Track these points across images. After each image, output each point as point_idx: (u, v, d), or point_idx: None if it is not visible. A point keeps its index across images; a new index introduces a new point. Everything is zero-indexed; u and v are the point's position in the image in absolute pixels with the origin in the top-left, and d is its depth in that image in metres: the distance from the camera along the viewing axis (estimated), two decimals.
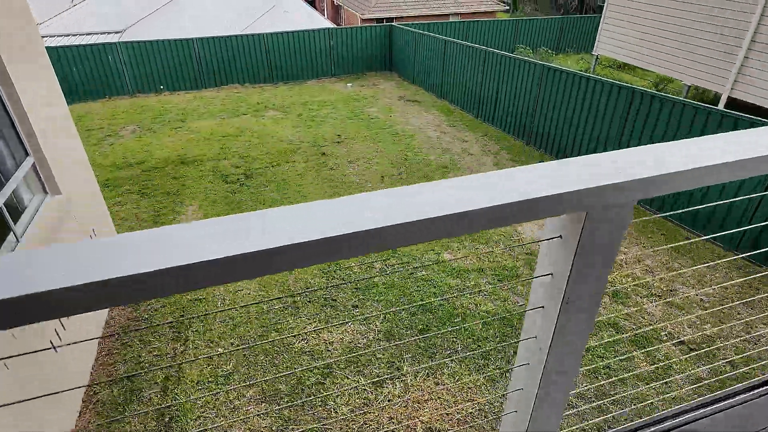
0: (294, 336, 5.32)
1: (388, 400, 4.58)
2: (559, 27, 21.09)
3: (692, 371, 4.90)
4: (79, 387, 5.14)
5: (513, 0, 36.81)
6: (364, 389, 4.71)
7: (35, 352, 0.77)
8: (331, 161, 10.35)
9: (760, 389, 1.06)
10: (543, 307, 0.92)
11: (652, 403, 4.56)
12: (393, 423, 4.32)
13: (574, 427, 4.04)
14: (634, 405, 4.51)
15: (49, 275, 0.51)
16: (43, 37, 18.61)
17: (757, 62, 9.53)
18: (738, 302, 4.87)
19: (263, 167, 10.00)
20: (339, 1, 29.56)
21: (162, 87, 15.65)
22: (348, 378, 4.83)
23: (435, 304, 5.74)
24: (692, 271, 6.47)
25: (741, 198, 2.21)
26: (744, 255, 4.65)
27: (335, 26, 19.95)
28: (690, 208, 2.10)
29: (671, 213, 1.41)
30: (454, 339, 5.32)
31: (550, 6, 28.17)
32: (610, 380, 4.73)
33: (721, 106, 9.89)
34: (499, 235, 7.50)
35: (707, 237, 3.05)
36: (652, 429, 1.05)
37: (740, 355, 5.07)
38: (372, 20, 25.03)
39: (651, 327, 5.41)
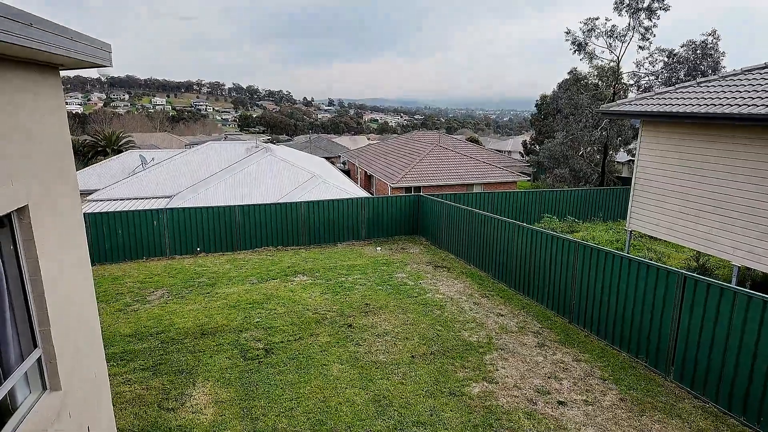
0: None
1: None
2: (583, 198, 21.85)
3: None
4: None
5: (534, 171, 39.51)
6: None
7: None
8: (357, 335, 9.71)
9: None
10: None
11: None
12: None
13: None
14: None
15: None
16: (99, 200, 20.38)
17: None
18: None
19: (285, 341, 9.41)
20: (371, 172, 32.33)
21: (198, 249, 16.20)
22: None
23: None
24: None
25: None
26: None
27: (368, 195, 21.26)
28: None
29: None
30: None
31: (571, 176, 29.82)
32: None
33: None
34: None
35: None
36: None
37: None
38: (401, 189, 26.82)
39: None
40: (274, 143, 49.06)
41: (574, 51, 28.76)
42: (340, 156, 49.86)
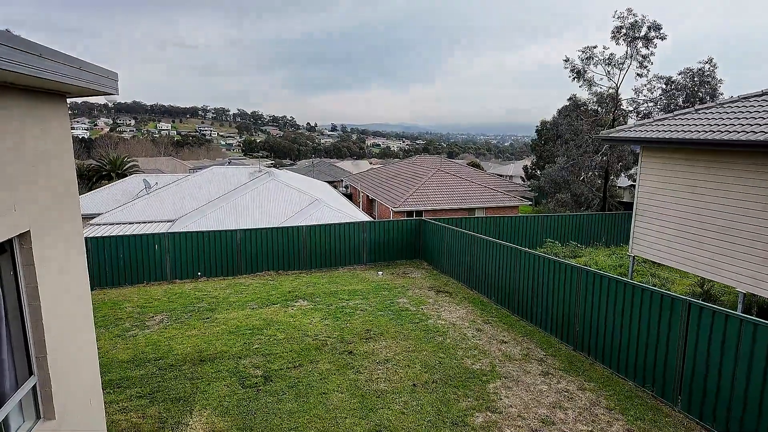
0: None
1: None
2: (585, 223, 21.82)
3: None
4: None
5: (535, 196, 39.59)
6: None
7: None
8: (357, 362, 9.55)
9: None
10: None
11: None
12: None
13: None
14: None
15: None
16: (102, 224, 20.44)
17: None
18: None
19: (285, 368, 9.26)
20: (373, 196, 32.46)
21: (200, 273, 16.13)
22: None
23: None
24: None
25: None
26: None
27: (370, 219, 21.26)
28: None
29: None
30: None
31: (572, 201, 29.85)
32: None
33: None
34: None
35: None
36: None
37: None
38: (402, 213, 26.85)
39: None
40: (278, 167, 49.47)
41: (573, 78, 29.25)
42: (342, 180, 50.15)
